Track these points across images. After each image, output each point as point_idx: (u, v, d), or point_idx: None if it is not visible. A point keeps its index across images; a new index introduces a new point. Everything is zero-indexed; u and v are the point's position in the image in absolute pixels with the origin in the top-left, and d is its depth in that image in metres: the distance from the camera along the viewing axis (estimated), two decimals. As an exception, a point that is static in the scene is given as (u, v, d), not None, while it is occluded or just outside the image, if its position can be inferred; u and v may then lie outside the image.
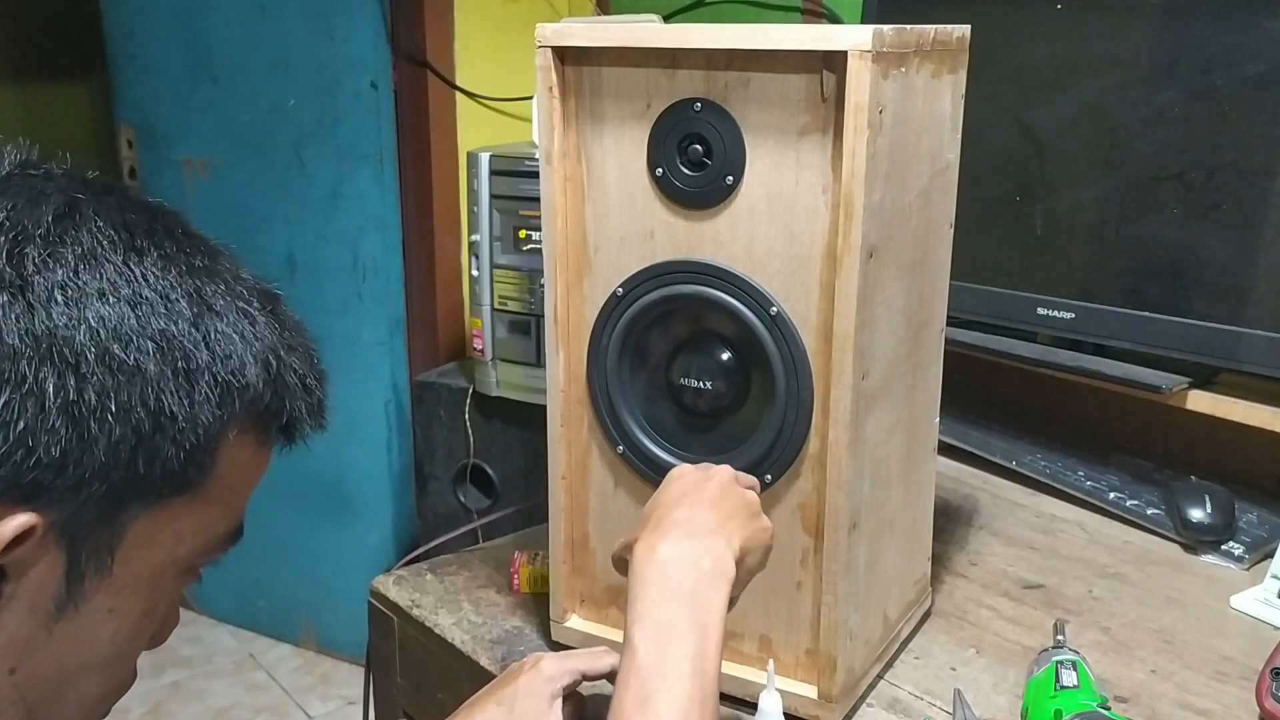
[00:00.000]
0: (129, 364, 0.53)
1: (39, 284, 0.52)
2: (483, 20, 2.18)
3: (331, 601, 2.45)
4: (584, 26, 0.83)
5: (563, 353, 0.90)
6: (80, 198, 0.56)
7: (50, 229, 0.54)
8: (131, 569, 0.57)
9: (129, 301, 0.54)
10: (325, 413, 0.64)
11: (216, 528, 0.60)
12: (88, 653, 0.58)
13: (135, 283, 0.54)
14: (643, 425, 0.88)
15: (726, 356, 0.85)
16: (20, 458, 0.51)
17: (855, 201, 0.75)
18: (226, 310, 0.57)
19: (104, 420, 0.52)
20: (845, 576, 0.83)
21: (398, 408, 2.32)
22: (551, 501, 0.94)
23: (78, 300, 0.52)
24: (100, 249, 0.54)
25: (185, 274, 0.56)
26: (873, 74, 0.73)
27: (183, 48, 2.25)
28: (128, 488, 0.54)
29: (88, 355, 0.52)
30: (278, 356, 0.59)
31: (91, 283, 0.53)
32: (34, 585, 0.54)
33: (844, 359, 0.78)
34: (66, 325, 0.52)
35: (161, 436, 0.54)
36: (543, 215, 0.88)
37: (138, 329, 0.53)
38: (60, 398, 0.51)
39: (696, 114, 0.80)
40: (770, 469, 0.83)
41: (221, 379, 0.56)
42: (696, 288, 0.83)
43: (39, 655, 0.56)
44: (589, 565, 0.95)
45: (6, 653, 0.55)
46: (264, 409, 0.59)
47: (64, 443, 0.52)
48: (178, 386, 0.54)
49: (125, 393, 0.53)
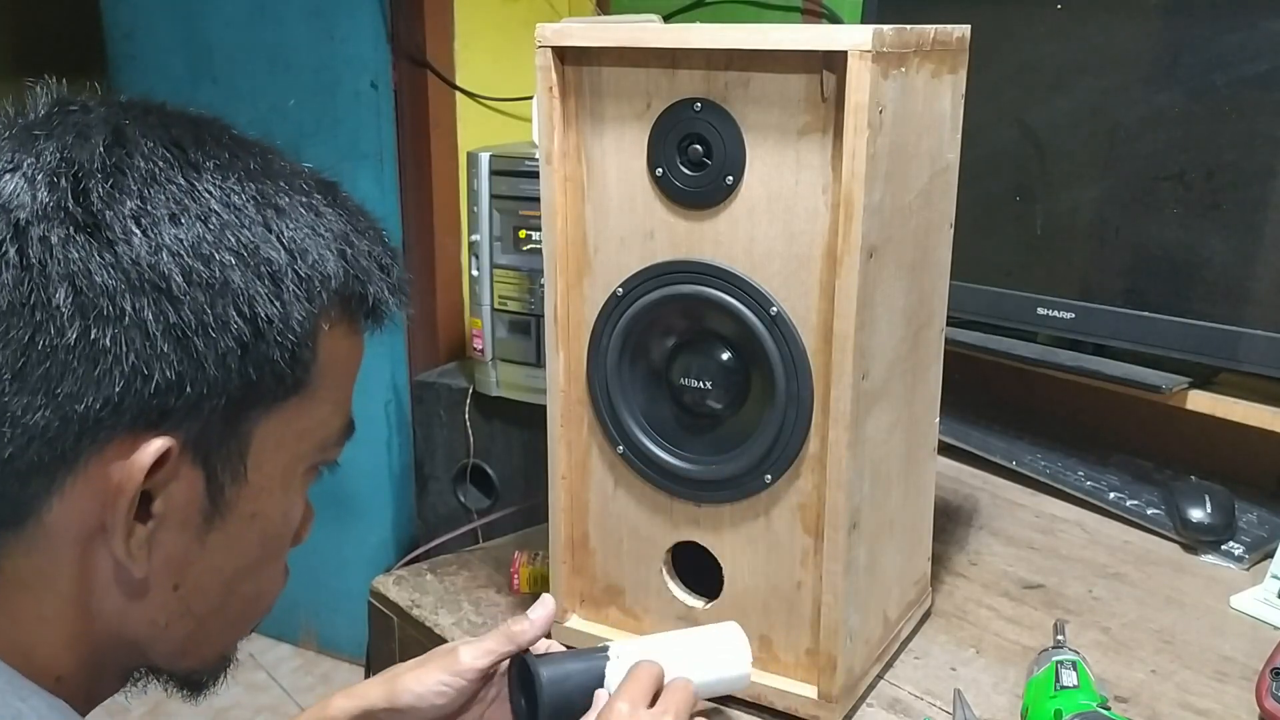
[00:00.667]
0: (215, 278, 0.54)
1: (110, 218, 0.53)
2: (483, 20, 2.18)
3: (331, 601, 2.45)
4: (584, 26, 0.83)
5: (563, 353, 0.90)
6: (125, 124, 0.56)
7: (105, 161, 0.54)
8: (264, 473, 0.59)
9: (199, 218, 0.54)
10: (406, 290, 0.65)
11: (331, 423, 0.62)
12: (241, 558, 0.61)
13: (201, 198, 0.55)
14: (643, 425, 0.88)
15: (726, 356, 0.84)
16: (140, 386, 0.53)
17: (855, 201, 0.75)
18: (292, 207, 0.58)
19: (206, 337, 0.54)
20: (845, 576, 0.82)
21: (398, 408, 2.32)
22: (551, 501, 0.94)
23: (152, 227, 0.53)
24: (158, 171, 0.55)
25: (245, 179, 0.57)
26: (873, 74, 0.73)
27: (183, 48, 2.25)
28: (244, 397, 0.56)
29: (175, 279, 0.53)
30: (349, 242, 0.60)
31: (160, 207, 0.54)
32: (180, 503, 0.56)
33: (844, 359, 0.78)
34: (148, 253, 0.53)
35: (263, 342, 0.55)
36: (543, 215, 0.88)
37: (214, 243, 0.54)
38: (161, 324, 0.53)
39: (696, 114, 0.80)
40: (770, 469, 0.83)
41: (304, 275, 0.57)
42: (696, 288, 0.83)
43: (198, 568, 0.59)
44: (589, 565, 0.95)
45: (168, 570, 0.58)
46: (349, 295, 0.60)
47: (176, 365, 0.53)
48: (266, 290, 0.55)
49: (219, 307, 0.54)
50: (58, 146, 0.54)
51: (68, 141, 0.55)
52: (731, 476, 0.85)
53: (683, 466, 0.87)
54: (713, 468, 0.86)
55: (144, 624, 0.59)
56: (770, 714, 0.88)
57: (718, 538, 0.87)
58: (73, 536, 0.55)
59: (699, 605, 0.90)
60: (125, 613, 0.58)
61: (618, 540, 0.92)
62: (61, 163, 0.54)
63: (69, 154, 0.54)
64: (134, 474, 0.53)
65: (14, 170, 0.53)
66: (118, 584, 0.57)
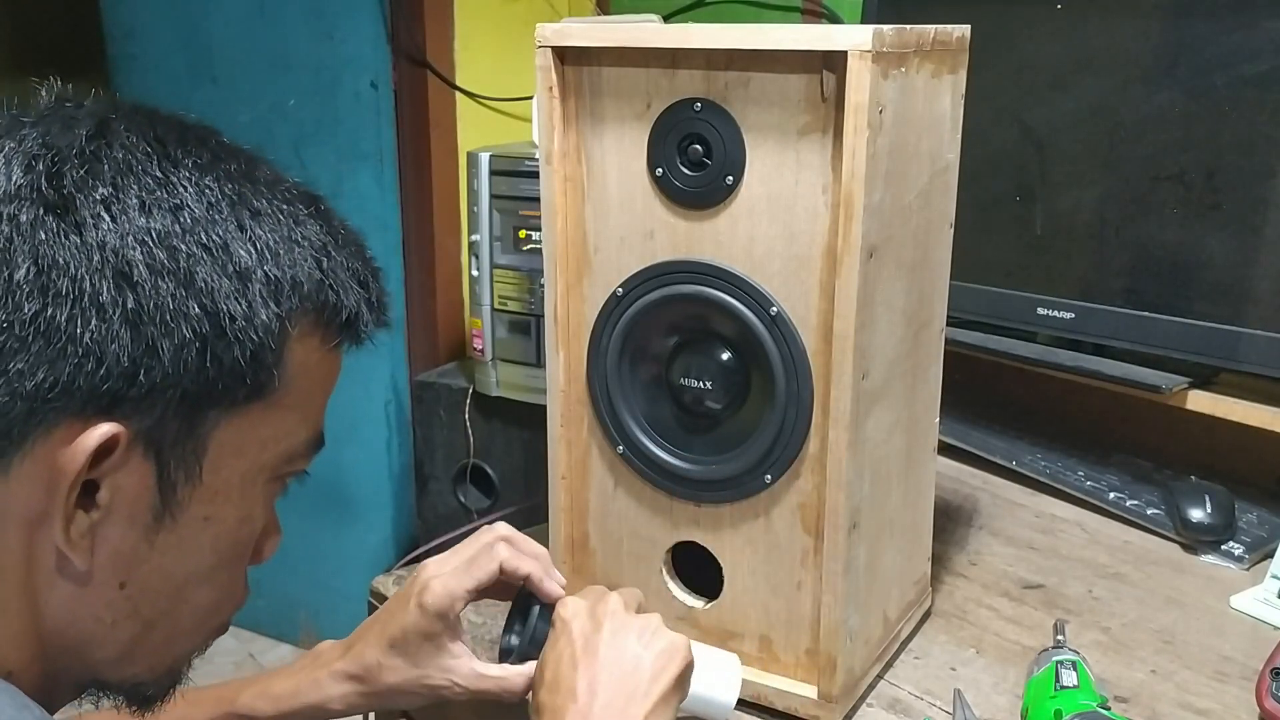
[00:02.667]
0: (179, 270, 0.54)
1: (81, 202, 0.53)
2: (483, 20, 2.18)
3: (331, 601, 2.45)
4: (584, 26, 0.83)
5: (563, 353, 0.90)
6: (111, 117, 0.57)
7: (84, 148, 0.55)
8: (221, 476, 0.59)
9: (170, 210, 0.55)
10: (385, 308, 0.65)
11: (297, 434, 0.62)
12: (192, 562, 0.60)
13: (175, 191, 0.55)
14: (643, 425, 0.88)
15: (726, 356, 0.84)
16: (92, 369, 0.53)
17: (855, 201, 0.75)
18: (270, 211, 0.58)
19: (164, 326, 0.54)
20: (845, 576, 0.82)
21: (398, 408, 2.32)
22: (551, 501, 0.94)
23: (121, 214, 0.54)
24: (135, 162, 0.55)
25: (223, 179, 0.57)
26: (873, 74, 0.72)
27: (183, 48, 2.25)
28: (202, 394, 0.56)
29: (139, 266, 0.53)
30: (327, 254, 0.60)
31: (132, 196, 0.54)
32: (129, 497, 0.56)
33: (844, 359, 0.78)
34: (113, 238, 0.53)
35: (223, 339, 0.55)
36: (543, 215, 0.88)
37: (183, 235, 0.55)
38: (119, 308, 0.53)
39: (696, 114, 0.80)
40: (770, 469, 0.83)
41: (273, 277, 0.57)
42: (696, 288, 0.83)
43: (146, 568, 0.58)
44: (589, 565, 0.95)
45: (114, 566, 0.57)
46: (322, 306, 0.60)
47: (131, 351, 0.53)
48: (232, 288, 0.55)
49: (181, 298, 0.54)
50: (40, 134, 0.55)
51: (52, 130, 0.56)
52: (731, 476, 0.85)
53: (683, 466, 0.87)
54: (713, 468, 0.86)
55: (90, 620, 0.58)
56: (770, 714, 0.88)
57: (717, 538, 0.87)
58: (19, 520, 0.55)
59: (699, 605, 0.90)
60: (72, 609, 0.58)
61: (618, 540, 0.92)
62: (41, 148, 0.55)
63: (49, 140, 0.55)
64: (77, 457, 0.53)
65: None
66: (61, 575, 0.57)
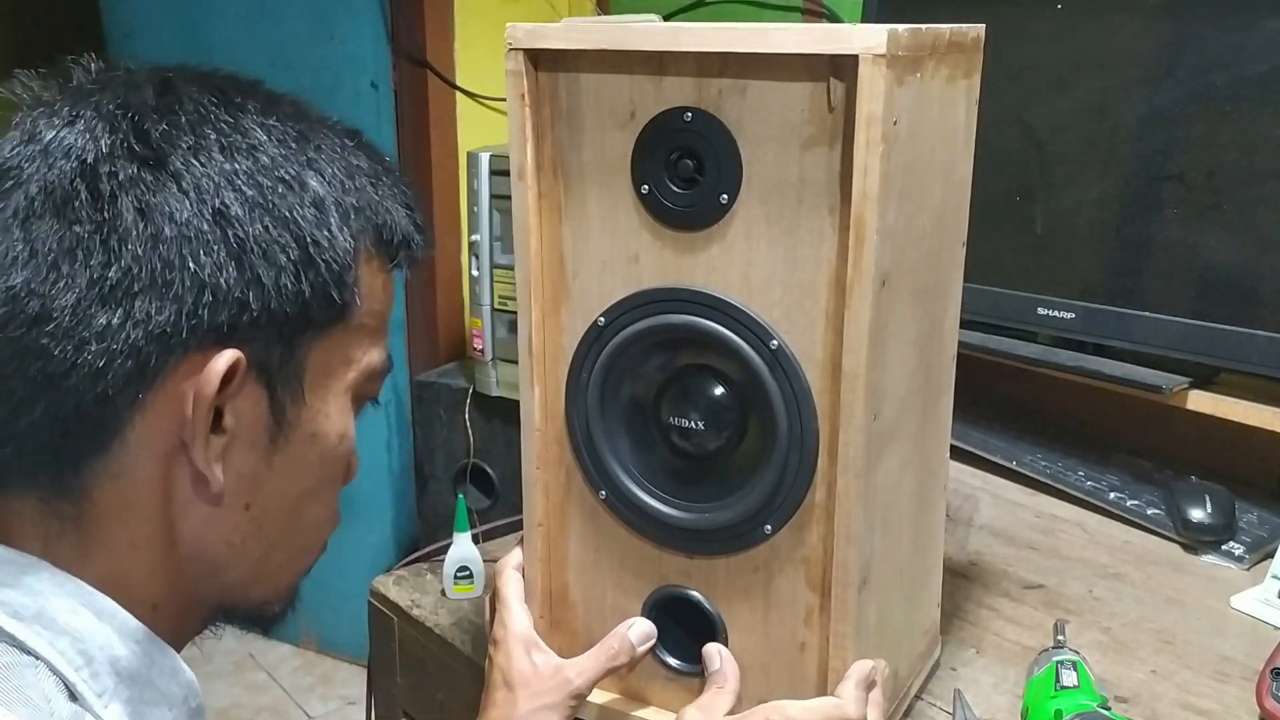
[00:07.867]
0: (269, 205, 0.59)
1: (169, 153, 0.58)
2: (483, 20, 2.18)
3: (331, 601, 2.45)
4: (560, 27, 0.75)
5: (539, 387, 0.81)
6: (169, 76, 0.62)
7: (158, 104, 0.59)
8: (320, 396, 0.64)
9: (247, 151, 0.60)
10: (429, 230, 0.71)
11: (373, 355, 0.67)
12: (305, 480, 0.65)
13: (247, 133, 0.60)
14: (628, 468, 0.79)
15: (720, 393, 0.76)
16: (209, 301, 0.57)
17: (867, 224, 0.66)
18: (329, 145, 0.64)
19: (265, 258, 0.58)
20: (855, 639, 0.73)
21: (398, 408, 2.32)
22: (527, 551, 0.84)
23: (207, 159, 0.58)
24: (206, 111, 0.60)
25: (284, 119, 0.63)
26: (887, 81, 0.64)
27: (183, 48, 2.25)
28: (298, 318, 0.60)
29: (233, 205, 0.58)
30: (379, 179, 0.66)
31: (212, 142, 0.59)
32: (248, 421, 0.61)
33: (854, 399, 0.69)
34: (206, 182, 0.58)
35: (313, 266, 0.60)
36: (515, 237, 0.78)
37: (263, 173, 0.60)
38: (224, 246, 0.57)
39: (687, 125, 0.70)
40: (770, 518, 0.74)
41: (344, 204, 0.63)
42: (687, 318, 0.73)
43: (266, 489, 0.63)
44: (569, 620, 0.84)
45: (240, 489, 0.62)
46: (380, 228, 0.65)
47: (239, 282, 0.58)
48: (314, 217, 0.61)
49: (275, 231, 0.59)
50: (113, 96, 0.59)
51: (121, 92, 0.60)
52: (727, 526, 0.75)
53: (672, 514, 0.77)
54: (706, 516, 0.76)
55: (221, 545, 0.63)
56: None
57: (711, 593, 0.78)
58: (155, 454, 0.59)
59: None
60: (205, 534, 0.62)
61: (600, 594, 0.83)
62: (119, 108, 0.59)
63: (124, 100, 0.59)
64: (212, 380, 0.57)
65: (76, 118, 0.58)
66: (198, 499, 0.61)
